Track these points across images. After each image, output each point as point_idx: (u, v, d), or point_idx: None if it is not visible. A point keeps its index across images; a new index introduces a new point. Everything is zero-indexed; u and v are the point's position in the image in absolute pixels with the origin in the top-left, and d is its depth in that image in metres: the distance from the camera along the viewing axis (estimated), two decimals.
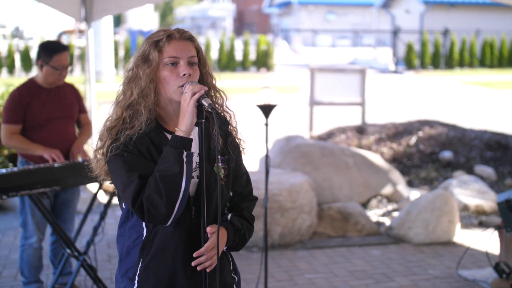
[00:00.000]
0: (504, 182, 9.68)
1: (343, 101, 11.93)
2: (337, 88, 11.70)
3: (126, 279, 2.65)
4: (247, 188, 2.77)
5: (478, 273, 5.94)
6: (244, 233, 2.68)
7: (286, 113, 16.61)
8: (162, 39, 2.58)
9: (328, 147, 8.62)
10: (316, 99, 11.71)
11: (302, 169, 8.01)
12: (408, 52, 31.38)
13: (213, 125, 2.59)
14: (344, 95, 11.83)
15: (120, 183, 2.51)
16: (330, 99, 11.85)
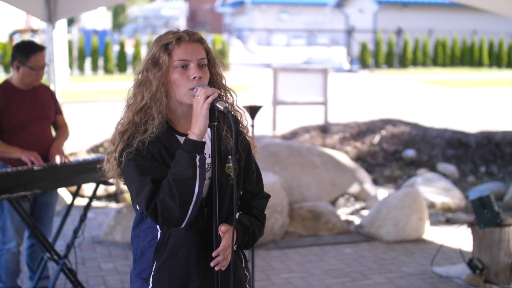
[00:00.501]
0: (466, 180, 9.86)
1: (306, 101, 12.00)
2: (300, 87, 11.77)
3: (140, 279, 2.66)
4: (258, 186, 2.77)
5: (451, 269, 6.04)
6: (253, 231, 2.68)
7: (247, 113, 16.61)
8: (171, 42, 2.57)
9: (295, 147, 8.67)
10: (279, 98, 11.75)
11: (271, 169, 8.03)
12: (362, 51, 31.72)
13: (224, 125, 2.60)
14: (307, 95, 11.89)
15: (134, 187, 2.50)
16: (293, 99, 11.90)
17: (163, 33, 2.64)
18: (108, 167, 2.63)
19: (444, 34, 33.41)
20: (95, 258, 6.34)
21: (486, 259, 5.64)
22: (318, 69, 12.42)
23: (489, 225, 5.60)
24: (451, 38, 33.08)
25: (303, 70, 12.39)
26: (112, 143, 2.61)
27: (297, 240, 6.97)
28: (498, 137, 11.09)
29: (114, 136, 2.62)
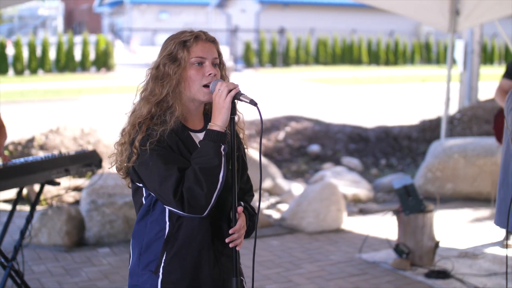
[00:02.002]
0: (369, 172, 10.32)
1: None
2: None
3: (148, 272, 2.68)
4: (248, 184, 2.91)
5: (376, 255, 6.37)
6: (254, 219, 2.84)
7: None
8: (189, 40, 2.67)
9: None
10: None
11: None
12: (246, 51, 32.20)
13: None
14: None
15: (157, 176, 2.55)
16: None
17: (178, 32, 2.74)
18: (120, 158, 2.68)
19: (325, 33, 34.42)
20: (25, 261, 6.24)
21: (411, 243, 6.00)
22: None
23: (413, 211, 5.96)
24: (332, 37, 34.11)
25: None
26: (127, 134, 2.66)
27: None
28: (395, 131, 11.67)
29: (128, 127, 2.67)
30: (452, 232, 7.04)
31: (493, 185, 8.31)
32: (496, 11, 8.96)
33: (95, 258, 6.31)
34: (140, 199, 2.74)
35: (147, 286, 2.68)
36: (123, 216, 6.60)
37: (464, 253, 6.37)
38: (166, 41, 2.74)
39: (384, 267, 6.05)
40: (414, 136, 11.60)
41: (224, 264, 2.73)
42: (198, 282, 2.69)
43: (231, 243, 2.67)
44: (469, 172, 8.57)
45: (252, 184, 2.95)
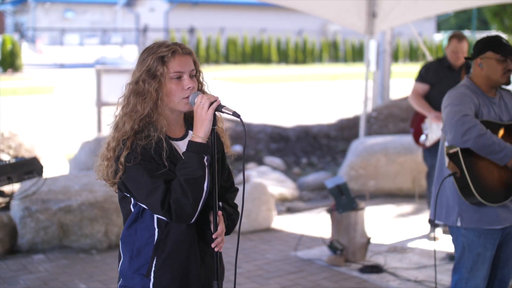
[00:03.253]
0: (292, 171, 10.55)
1: None
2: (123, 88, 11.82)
3: (139, 275, 2.80)
4: (229, 181, 3.03)
5: (310, 252, 6.57)
6: (234, 218, 2.97)
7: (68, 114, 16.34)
8: (167, 55, 2.76)
9: None
10: (103, 100, 11.74)
11: None
12: None
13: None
14: None
15: (144, 189, 2.66)
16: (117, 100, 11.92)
17: (155, 45, 2.81)
18: (107, 172, 2.76)
19: (235, 32, 34.65)
20: None
21: (344, 240, 6.23)
22: None
23: (346, 209, 6.19)
24: (241, 36, 34.37)
25: (126, 70, 12.45)
26: (111, 150, 2.74)
27: None
28: (314, 130, 11.95)
29: (112, 143, 2.75)
30: (379, 228, 7.32)
31: (414, 181, 8.70)
32: (412, 13, 9.34)
33: (30, 265, 6.25)
34: (127, 206, 2.85)
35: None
36: (58, 222, 6.55)
37: (393, 247, 6.65)
38: (143, 55, 2.81)
39: (319, 264, 6.25)
40: (332, 134, 11.91)
41: (209, 264, 2.88)
42: (187, 283, 2.83)
43: (216, 248, 2.79)
44: (391, 169, 8.90)
45: (234, 180, 3.07)
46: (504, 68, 4.05)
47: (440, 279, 5.77)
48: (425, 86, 6.87)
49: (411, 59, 38.98)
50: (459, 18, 51.14)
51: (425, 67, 7.01)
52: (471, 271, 4.09)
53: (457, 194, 4.06)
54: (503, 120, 4.11)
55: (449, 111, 3.96)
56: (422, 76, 6.93)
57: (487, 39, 4.15)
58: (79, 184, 6.89)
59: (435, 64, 6.98)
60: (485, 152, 3.90)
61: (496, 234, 4.08)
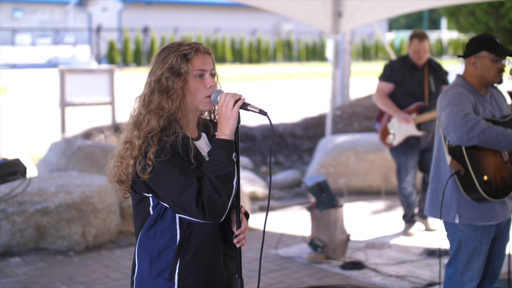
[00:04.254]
0: (260, 170, 10.58)
1: (94, 101, 11.99)
2: (88, 88, 11.75)
3: (161, 279, 2.75)
4: None
5: (289, 250, 6.61)
6: (248, 217, 2.98)
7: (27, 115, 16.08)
8: (190, 53, 2.76)
9: (108, 147, 8.71)
10: (67, 100, 11.62)
11: (88, 171, 8.05)
12: (110, 50, 31.77)
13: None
14: (95, 95, 11.90)
15: (176, 187, 2.63)
16: (81, 100, 11.84)
17: (174, 44, 2.81)
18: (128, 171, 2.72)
19: (189, 32, 34.54)
20: None
21: (325, 237, 6.29)
22: (105, 69, 12.47)
23: (327, 207, 6.25)
24: (195, 36, 34.28)
25: (90, 71, 12.37)
26: (137, 147, 2.70)
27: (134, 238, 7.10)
28: (280, 129, 12.01)
29: (137, 141, 2.71)
30: (355, 225, 7.40)
31: (384, 178, 8.82)
32: (377, 13, 9.47)
33: (7, 268, 6.15)
34: (146, 209, 2.80)
35: None
36: (34, 224, 6.46)
37: (371, 244, 6.74)
38: (162, 54, 2.80)
39: (300, 262, 6.29)
40: (298, 133, 11.99)
41: (229, 265, 2.87)
42: (212, 284, 2.81)
43: (238, 244, 2.79)
44: (360, 167, 9.01)
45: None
46: (498, 68, 4.15)
47: (420, 273, 5.88)
48: (390, 85, 6.95)
49: (364, 58, 39.40)
50: (410, 18, 51.88)
51: (389, 66, 7.07)
52: (467, 264, 4.18)
53: (455, 192, 4.15)
54: (495, 117, 4.21)
55: (449, 112, 4.03)
56: (387, 75, 6.99)
57: (482, 38, 4.23)
58: (55, 185, 6.81)
59: (399, 63, 7.05)
60: (491, 144, 3.99)
61: (491, 229, 4.18)
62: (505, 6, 14.96)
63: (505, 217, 4.22)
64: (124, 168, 2.74)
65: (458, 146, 4.05)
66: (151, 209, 2.79)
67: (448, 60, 34.66)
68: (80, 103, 11.85)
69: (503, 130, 4.00)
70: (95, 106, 12.20)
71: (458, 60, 32.88)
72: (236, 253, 2.82)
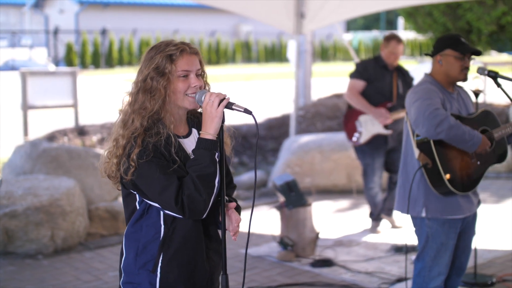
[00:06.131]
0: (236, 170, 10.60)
1: (56, 104, 11.89)
2: (50, 91, 11.65)
3: (145, 271, 2.85)
4: (229, 177, 3.05)
5: (259, 250, 6.67)
6: (239, 210, 3.03)
7: None
8: (175, 53, 2.80)
9: (74, 150, 8.68)
10: (29, 103, 11.50)
11: (54, 173, 8.00)
12: (68, 52, 31.49)
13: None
14: (57, 98, 11.80)
15: (157, 186, 2.70)
16: (43, 102, 11.73)
17: (162, 44, 2.85)
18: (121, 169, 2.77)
19: (148, 33, 34.40)
20: None
21: (294, 236, 6.36)
22: (67, 72, 12.38)
23: (296, 206, 6.32)
24: (154, 37, 34.15)
25: (52, 73, 12.26)
26: (121, 147, 2.76)
27: (105, 239, 7.11)
28: (243, 130, 12.05)
29: (122, 140, 2.77)
30: (322, 223, 7.48)
31: (348, 177, 8.93)
32: (338, 14, 9.60)
33: None
34: (132, 203, 2.90)
35: (145, 284, 2.85)
36: (2, 228, 6.42)
37: (339, 241, 6.84)
38: (150, 53, 2.85)
39: (270, 260, 6.36)
40: (261, 134, 12.06)
41: (212, 258, 2.95)
42: (193, 278, 2.90)
43: (233, 237, 2.89)
44: (326, 166, 9.11)
45: (232, 177, 3.13)
46: (462, 66, 4.27)
47: (389, 269, 6.00)
48: (363, 82, 7.04)
49: (322, 59, 39.66)
50: (367, 19, 52.40)
51: (362, 65, 7.19)
52: (435, 259, 4.29)
53: (422, 185, 4.26)
54: (462, 114, 4.33)
55: (419, 105, 4.14)
56: (360, 73, 7.08)
57: (447, 37, 4.36)
58: (22, 188, 6.77)
59: (372, 62, 7.16)
60: (456, 142, 4.10)
61: (458, 223, 4.30)
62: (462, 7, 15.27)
63: (470, 212, 4.34)
64: (111, 165, 2.80)
65: (426, 139, 4.16)
66: (137, 204, 2.89)
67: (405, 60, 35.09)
68: (42, 105, 11.74)
69: (470, 130, 4.11)
70: (58, 108, 12.10)
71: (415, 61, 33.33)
72: (220, 247, 2.87)
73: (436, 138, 4.10)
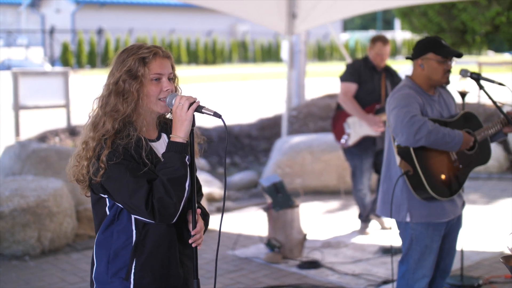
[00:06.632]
0: (216, 171, 10.60)
1: (48, 104, 11.87)
2: (42, 91, 11.62)
3: (118, 279, 2.79)
4: (198, 185, 3.03)
5: (247, 251, 6.65)
6: (207, 218, 3.01)
7: None
8: (148, 56, 2.78)
9: (63, 151, 8.65)
10: (21, 103, 11.48)
11: (43, 174, 7.97)
12: (64, 52, 31.46)
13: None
14: (49, 98, 11.78)
15: (127, 189, 2.66)
16: (35, 103, 11.70)
17: (134, 46, 2.83)
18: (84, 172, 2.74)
19: (144, 33, 34.38)
20: None
21: (281, 238, 6.34)
22: (59, 72, 12.36)
23: (283, 207, 6.30)
24: (151, 37, 34.14)
25: (44, 73, 12.24)
26: (92, 149, 2.73)
27: (92, 241, 6.95)
28: (235, 130, 12.05)
29: (92, 142, 2.74)
30: (311, 225, 7.46)
31: (339, 178, 8.91)
32: (331, 14, 9.57)
33: None
34: (102, 209, 2.84)
35: None
36: None
37: (327, 243, 6.81)
38: (122, 56, 2.82)
39: (257, 262, 6.34)
40: (254, 134, 12.04)
41: (186, 264, 2.91)
42: (168, 283, 2.85)
43: (193, 243, 2.82)
44: (316, 167, 9.09)
45: (201, 185, 3.09)
46: (444, 69, 4.24)
47: (376, 271, 5.98)
48: (355, 85, 7.00)
49: (319, 59, 39.67)
50: (364, 18, 52.42)
51: (352, 67, 7.14)
52: (419, 262, 4.27)
53: (406, 191, 4.23)
54: (444, 117, 4.31)
55: (397, 113, 4.11)
56: (352, 75, 7.04)
57: (428, 40, 4.33)
58: (9, 189, 6.74)
59: (361, 64, 7.13)
60: (438, 145, 4.08)
61: (442, 226, 4.28)
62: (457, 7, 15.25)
63: (455, 215, 4.32)
64: (80, 168, 2.76)
65: (406, 147, 4.13)
66: (107, 209, 2.83)
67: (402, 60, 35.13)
68: (34, 106, 11.71)
69: (449, 131, 4.09)
70: (50, 109, 12.07)
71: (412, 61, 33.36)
72: (193, 252, 2.85)
73: (417, 145, 4.07)
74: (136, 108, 2.81)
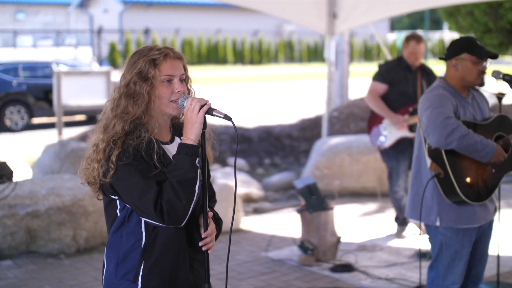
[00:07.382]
0: (256, 172, 10.58)
1: (90, 104, 12.00)
2: (84, 90, 11.76)
3: (126, 281, 2.77)
4: (211, 190, 3.01)
5: (280, 253, 6.60)
6: (220, 223, 2.98)
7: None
8: (159, 58, 2.75)
9: None
10: (63, 102, 11.63)
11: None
12: (111, 52, 31.80)
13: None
14: (91, 98, 11.91)
15: (136, 190, 2.64)
16: (78, 102, 11.85)
17: (145, 48, 2.81)
18: (95, 174, 2.73)
19: (191, 33, 34.57)
20: None
21: (315, 240, 6.28)
22: (101, 72, 12.48)
23: (316, 209, 6.23)
24: (197, 37, 34.33)
25: (86, 73, 12.38)
26: (101, 151, 2.72)
27: None
28: (276, 131, 12.01)
29: (102, 144, 2.73)
30: (347, 227, 7.38)
31: (378, 180, 8.79)
32: (371, 14, 9.44)
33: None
34: (114, 211, 2.82)
35: None
36: (25, 227, 6.47)
37: (362, 246, 6.72)
38: (133, 58, 2.80)
39: (290, 264, 6.28)
40: (295, 135, 11.98)
41: (197, 269, 2.87)
42: (175, 286, 2.81)
43: (204, 247, 2.79)
44: (355, 168, 8.99)
45: (214, 191, 3.06)
46: (479, 70, 4.13)
47: (410, 276, 5.87)
48: (385, 86, 6.89)
49: (366, 59, 39.37)
50: (412, 18, 51.88)
51: (385, 67, 7.03)
52: (449, 268, 4.17)
53: (436, 194, 4.14)
54: (477, 119, 4.20)
55: (430, 114, 4.01)
56: (383, 76, 6.93)
57: (463, 40, 4.21)
58: (46, 188, 6.81)
59: (395, 64, 7.01)
60: (468, 152, 3.97)
61: (473, 232, 4.16)
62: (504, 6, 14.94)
63: (486, 220, 4.20)
64: (91, 170, 2.75)
65: (437, 149, 4.03)
66: (118, 212, 2.81)
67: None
68: (77, 105, 11.86)
69: (482, 139, 3.97)
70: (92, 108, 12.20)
71: None
72: (204, 257, 2.81)
73: (447, 148, 3.97)
74: (147, 110, 2.78)
